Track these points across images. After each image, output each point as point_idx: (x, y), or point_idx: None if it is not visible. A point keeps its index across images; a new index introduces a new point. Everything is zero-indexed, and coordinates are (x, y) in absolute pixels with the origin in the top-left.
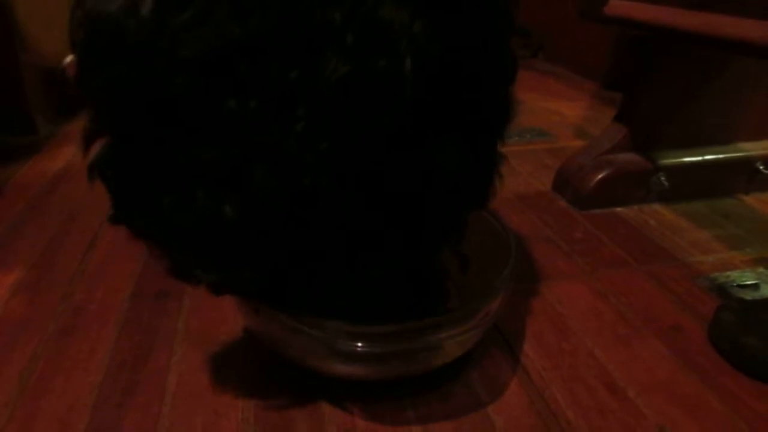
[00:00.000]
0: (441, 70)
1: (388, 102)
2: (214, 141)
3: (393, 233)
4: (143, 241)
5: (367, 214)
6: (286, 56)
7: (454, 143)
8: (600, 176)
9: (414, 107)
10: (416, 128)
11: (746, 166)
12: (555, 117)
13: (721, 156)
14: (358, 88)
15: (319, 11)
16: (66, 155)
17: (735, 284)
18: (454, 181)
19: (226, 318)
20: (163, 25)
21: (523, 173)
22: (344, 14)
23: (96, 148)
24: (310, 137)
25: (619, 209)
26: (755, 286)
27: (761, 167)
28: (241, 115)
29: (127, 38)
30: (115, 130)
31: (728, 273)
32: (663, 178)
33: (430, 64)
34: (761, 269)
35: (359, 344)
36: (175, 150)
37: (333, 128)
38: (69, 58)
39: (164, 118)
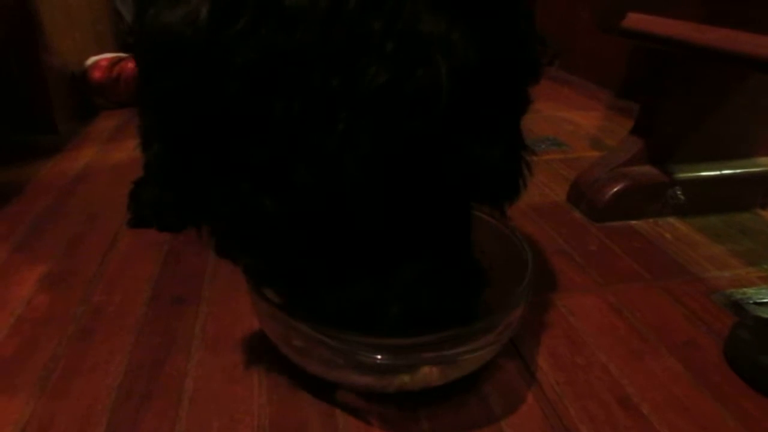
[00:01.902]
0: (478, 76)
1: (425, 109)
2: (261, 141)
3: (429, 233)
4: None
5: (403, 214)
6: (328, 64)
7: (491, 142)
8: (615, 189)
9: (452, 112)
10: (455, 131)
11: (764, 180)
12: (570, 127)
13: (738, 170)
14: (396, 96)
15: (359, 23)
16: (86, 156)
17: (751, 301)
18: (493, 179)
19: (243, 324)
20: (218, 35)
21: (537, 183)
22: (383, 25)
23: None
24: (350, 140)
25: (634, 222)
26: None
27: None
28: (287, 118)
29: (187, 48)
30: (173, 131)
31: (744, 289)
32: (679, 192)
33: (467, 72)
34: None
35: (379, 356)
36: (227, 149)
37: (372, 132)
38: (91, 60)
39: (218, 120)
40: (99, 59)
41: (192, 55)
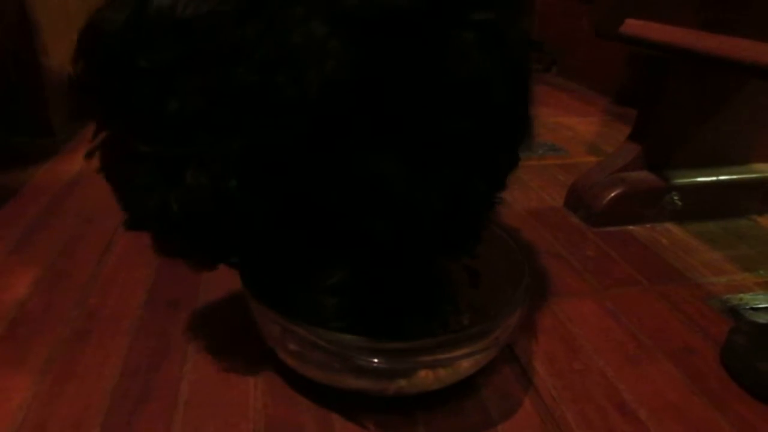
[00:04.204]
0: (366, 90)
1: (289, 115)
2: (161, 140)
3: (334, 241)
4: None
5: (289, 219)
6: (207, 68)
7: (394, 162)
8: (613, 194)
9: (328, 122)
10: (337, 139)
11: (760, 186)
12: (568, 132)
13: (735, 176)
14: (261, 98)
15: (235, 31)
16: (83, 159)
17: (748, 307)
18: (394, 193)
19: (239, 327)
20: (127, 43)
21: (535, 188)
22: (257, 34)
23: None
24: (224, 140)
25: (631, 227)
26: None
27: None
28: (179, 118)
29: (105, 44)
30: (106, 124)
31: (741, 295)
32: (676, 198)
33: (343, 84)
34: None
35: (375, 360)
36: (133, 145)
37: (242, 134)
38: None
39: (132, 115)
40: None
41: (107, 52)
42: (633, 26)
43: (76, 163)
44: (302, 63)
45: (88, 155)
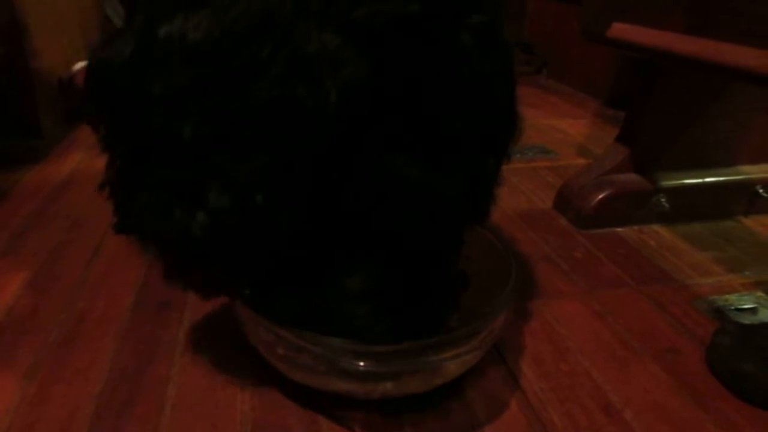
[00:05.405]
0: (382, 95)
1: (312, 126)
2: (179, 164)
3: (364, 246)
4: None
5: (318, 229)
6: (223, 90)
7: (414, 160)
8: (601, 196)
9: (350, 129)
10: (360, 148)
11: (746, 189)
12: (558, 134)
13: (721, 178)
14: (283, 114)
15: (247, 50)
16: (72, 162)
17: (733, 308)
18: (420, 196)
19: (227, 330)
20: (138, 71)
21: (524, 191)
22: (271, 50)
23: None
24: (248, 158)
25: (619, 229)
26: (753, 310)
27: (761, 191)
28: (197, 142)
29: (113, 80)
30: (114, 150)
31: (727, 296)
32: (663, 200)
33: (360, 91)
34: (760, 293)
35: (362, 363)
36: (148, 172)
37: (266, 149)
38: (78, 66)
39: (140, 145)
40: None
41: (118, 86)
42: (620, 30)
43: (65, 166)
44: (319, 73)
45: (101, 187)
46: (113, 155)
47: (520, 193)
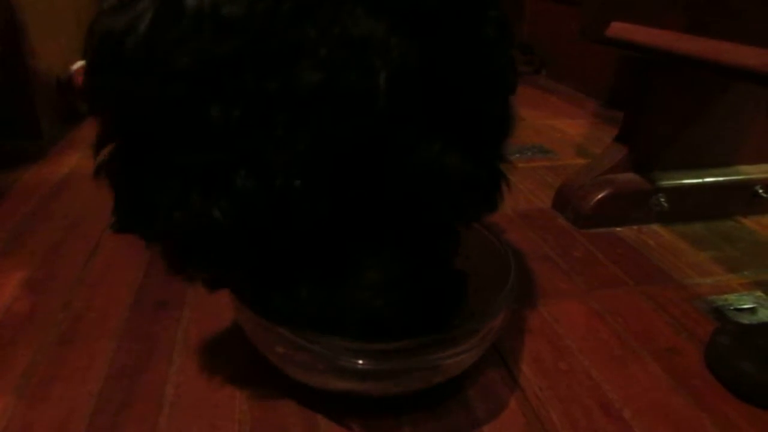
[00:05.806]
0: (425, 81)
1: (361, 110)
2: (201, 147)
3: (385, 236)
4: (142, 240)
5: (352, 216)
6: (263, 69)
7: (450, 148)
8: (600, 196)
9: (395, 114)
10: (402, 134)
11: (746, 189)
12: (557, 134)
13: (721, 179)
14: (330, 97)
15: (293, 29)
16: (70, 161)
17: (732, 307)
18: (454, 185)
19: (226, 329)
20: (158, 41)
21: (523, 190)
22: (317, 32)
23: (104, 152)
24: (287, 141)
25: (618, 229)
26: (752, 310)
27: (761, 191)
28: (225, 123)
29: (127, 53)
30: (119, 136)
31: (726, 296)
32: (662, 199)
33: (408, 76)
34: (759, 293)
35: (360, 361)
36: (170, 155)
37: (308, 133)
38: (76, 65)
39: (160, 125)
40: (84, 64)
41: (132, 60)
42: (618, 29)
43: (63, 166)
44: (369, 57)
45: (97, 173)
46: (117, 141)
47: (519, 192)
